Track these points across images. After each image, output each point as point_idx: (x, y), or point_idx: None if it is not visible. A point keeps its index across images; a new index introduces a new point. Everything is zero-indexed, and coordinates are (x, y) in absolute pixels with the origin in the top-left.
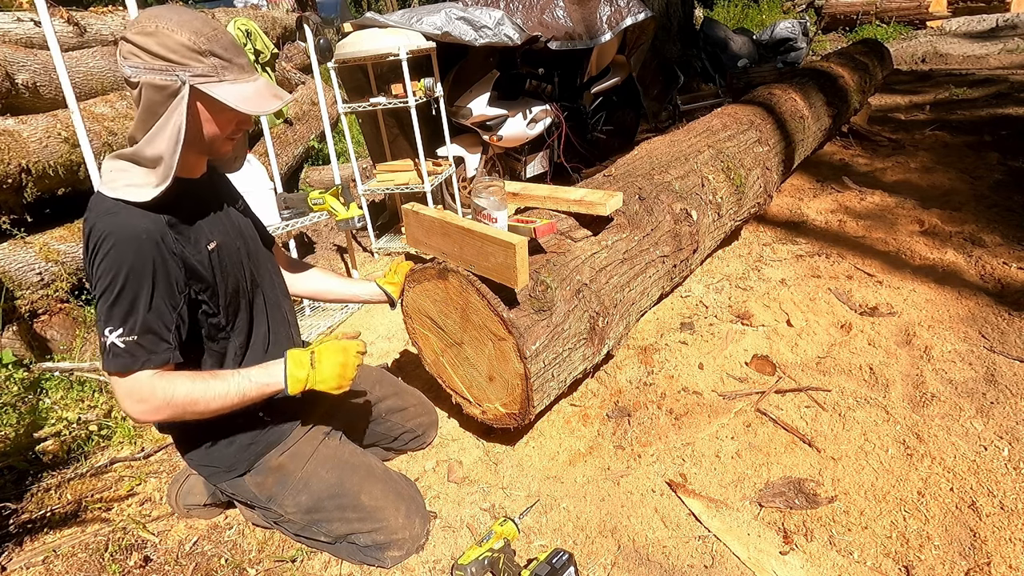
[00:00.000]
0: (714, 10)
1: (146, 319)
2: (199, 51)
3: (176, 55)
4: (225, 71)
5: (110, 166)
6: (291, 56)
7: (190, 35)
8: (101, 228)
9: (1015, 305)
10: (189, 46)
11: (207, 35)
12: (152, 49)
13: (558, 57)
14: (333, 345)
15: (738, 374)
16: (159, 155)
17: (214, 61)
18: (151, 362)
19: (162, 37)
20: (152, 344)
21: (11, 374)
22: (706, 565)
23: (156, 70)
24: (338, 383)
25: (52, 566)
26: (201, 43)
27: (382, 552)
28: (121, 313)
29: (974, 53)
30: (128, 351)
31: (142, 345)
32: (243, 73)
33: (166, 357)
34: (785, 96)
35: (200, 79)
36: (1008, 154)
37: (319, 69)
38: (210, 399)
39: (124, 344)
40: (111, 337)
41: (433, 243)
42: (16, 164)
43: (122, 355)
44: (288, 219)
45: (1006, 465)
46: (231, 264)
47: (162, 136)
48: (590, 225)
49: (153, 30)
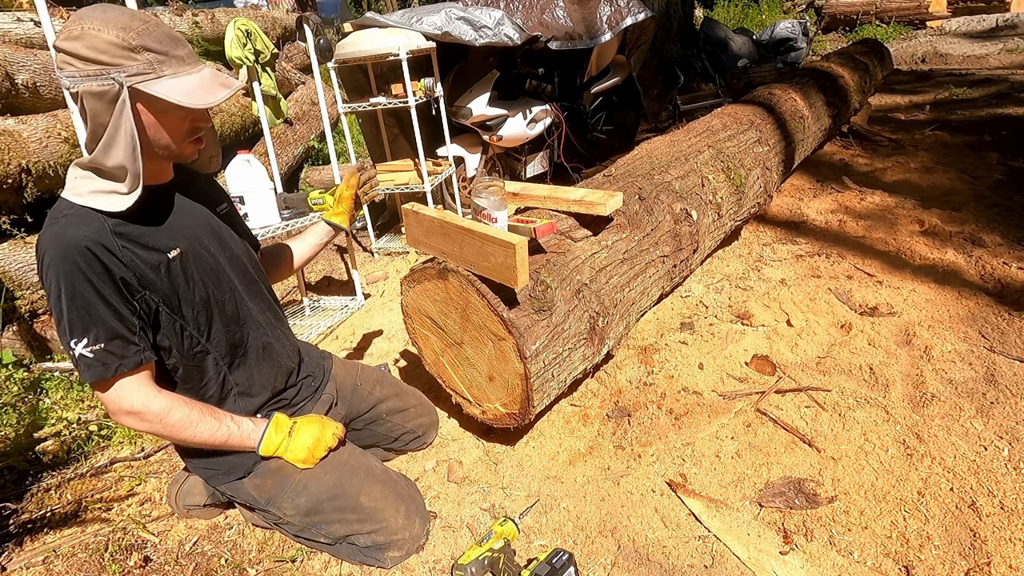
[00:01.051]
0: (714, 10)
1: (108, 325)
2: (131, 48)
3: (106, 56)
4: (163, 66)
5: (75, 173)
6: (291, 56)
7: (117, 32)
8: (43, 241)
9: (1015, 305)
10: (119, 44)
11: (137, 29)
12: (81, 53)
13: (558, 57)
14: (313, 420)
15: (738, 374)
16: (120, 164)
17: (148, 56)
18: (124, 366)
19: (89, 39)
20: (121, 349)
21: (11, 374)
22: (706, 565)
23: (91, 76)
24: (304, 457)
25: (52, 566)
26: (131, 39)
27: (382, 552)
28: (80, 324)
29: (974, 53)
30: (98, 360)
31: (111, 351)
32: (183, 65)
33: (139, 359)
34: (785, 96)
35: (137, 78)
36: (1008, 154)
37: (319, 69)
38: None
39: (93, 354)
40: (78, 349)
41: (433, 243)
42: (16, 164)
43: (94, 364)
44: (288, 219)
45: (1006, 465)
46: (200, 272)
47: (117, 145)
48: (590, 225)
49: (79, 33)
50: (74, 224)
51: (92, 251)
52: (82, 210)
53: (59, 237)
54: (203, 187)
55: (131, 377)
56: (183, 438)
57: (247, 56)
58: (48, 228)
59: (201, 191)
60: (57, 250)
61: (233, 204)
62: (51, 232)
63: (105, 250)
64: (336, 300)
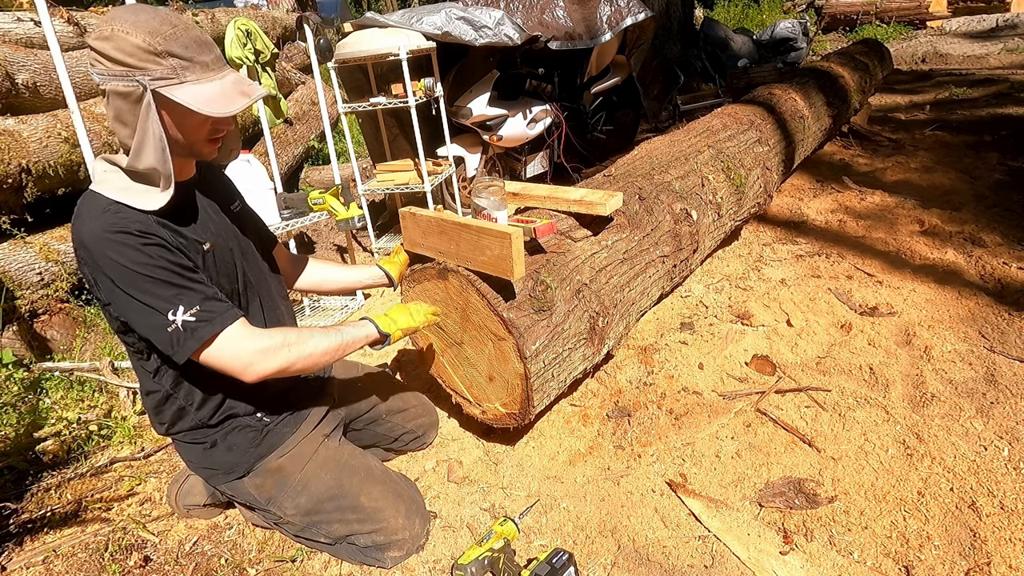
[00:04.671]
0: (714, 10)
1: (196, 289)
2: (156, 52)
3: (133, 59)
4: (186, 71)
5: (103, 166)
6: (291, 56)
7: (145, 36)
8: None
9: (1015, 305)
10: (145, 48)
11: (164, 34)
12: (110, 54)
13: (558, 57)
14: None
15: (738, 374)
16: (151, 167)
17: (173, 62)
18: (228, 319)
19: (118, 40)
20: (217, 307)
21: (11, 374)
22: (706, 565)
23: (118, 76)
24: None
25: (52, 566)
26: (157, 43)
27: (382, 552)
28: (172, 294)
29: (974, 53)
30: (202, 320)
31: (209, 310)
32: (207, 72)
33: (236, 313)
34: (785, 96)
35: (160, 82)
36: (1008, 154)
37: (319, 69)
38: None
39: (195, 317)
40: (179, 317)
41: (430, 243)
42: (16, 164)
43: (199, 326)
44: (288, 219)
45: (1006, 465)
46: (223, 265)
47: (147, 148)
48: (590, 225)
49: (109, 34)
50: (122, 216)
51: (152, 234)
52: (121, 206)
53: (113, 227)
54: (218, 185)
55: (237, 324)
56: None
57: (247, 56)
58: (92, 223)
59: (216, 189)
60: (117, 240)
61: (245, 201)
62: (100, 225)
63: (161, 237)
64: (336, 300)
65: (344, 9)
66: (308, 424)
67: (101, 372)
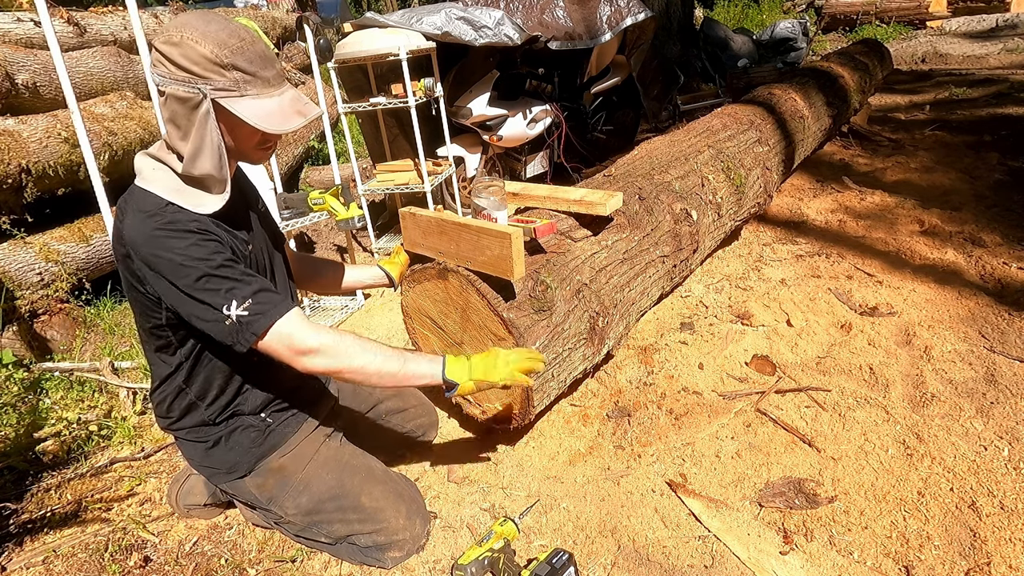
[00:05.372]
0: (714, 10)
1: (248, 284)
2: (221, 64)
3: (198, 67)
4: (248, 85)
5: (151, 164)
6: (291, 56)
7: (214, 47)
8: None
9: (1015, 305)
10: (211, 59)
11: (232, 47)
12: (176, 60)
13: (558, 57)
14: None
15: (738, 374)
16: (208, 173)
17: (236, 75)
18: (282, 308)
19: (186, 48)
20: (270, 299)
21: (11, 374)
22: (706, 565)
23: (179, 81)
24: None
25: (52, 566)
26: (224, 56)
27: (383, 553)
28: (226, 290)
29: (974, 53)
30: (256, 312)
31: (262, 302)
32: (267, 87)
33: (289, 304)
34: (785, 96)
35: (221, 93)
36: (1008, 154)
37: (319, 69)
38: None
39: (248, 311)
40: (233, 312)
41: (430, 243)
42: (16, 164)
43: (254, 319)
44: (288, 219)
45: (1006, 465)
46: (258, 265)
47: (204, 155)
48: (590, 225)
49: (178, 40)
50: (179, 214)
51: (208, 231)
52: (177, 207)
53: (171, 224)
54: (246, 186)
55: (290, 315)
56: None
57: None
58: (148, 219)
59: (246, 190)
60: (175, 236)
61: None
62: (156, 222)
63: (216, 234)
64: (336, 300)
65: (344, 9)
66: (310, 424)
67: (101, 372)
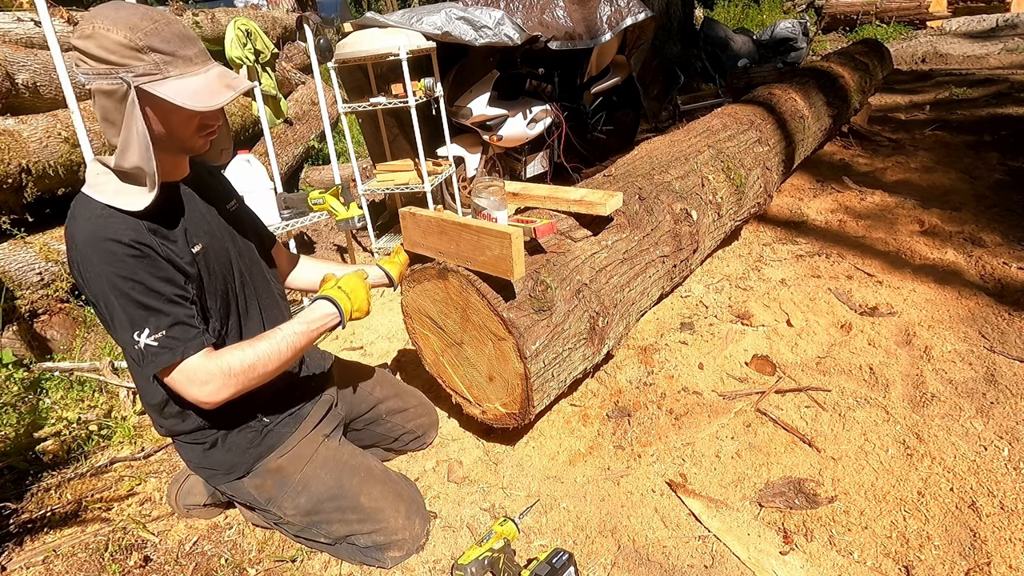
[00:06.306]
0: (714, 10)
1: (169, 312)
2: (137, 48)
3: (115, 56)
4: (168, 66)
5: (96, 169)
6: (291, 56)
7: (126, 32)
8: (81, 239)
9: (1015, 305)
10: (126, 44)
11: (145, 29)
12: (93, 52)
13: (558, 57)
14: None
15: (738, 374)
16: (136, 165)
17: (155, 57)
18: (190, 349)
19: (99, 38)
20: (183, 333)
21: (11, 374)
22: (706, 565)
23: (102, 75)
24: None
25: (52, 566)
26: (138, 39)
27: (382, 553)
28: (141, 315)
29: (974, 53)
30: (164, 347)
31: (174, 337)
32: (190, 66)
33: (201, 342)
34: (785, 96)
35: (144, 79)
36: (1008, 154)
37: (319, 69)
38: (266, 360)
39: (157, 342)
40: (142, 340)
41: (430, 243)
42: (16, 164)
43: (161, 352)
44: (288, 219)
45: (1006, 465)
46: (218, 266)
47: (132, 147)
48: (590, 225)
49: (91, 32)
50: (113, 222)
51: (139, 245)
52: (113, 210)
53: (101, 234)
54: (214, 184)
55: (198, 356)
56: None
57: (247, 56)
58: (83, 226)
59: (212, 188)
60: (103, 248)
61: (243, 201)
62: (90, 230)
63: (148, 246)
64: None
65: (344, 9)
66: (308, 424)
67: (101, 372)
